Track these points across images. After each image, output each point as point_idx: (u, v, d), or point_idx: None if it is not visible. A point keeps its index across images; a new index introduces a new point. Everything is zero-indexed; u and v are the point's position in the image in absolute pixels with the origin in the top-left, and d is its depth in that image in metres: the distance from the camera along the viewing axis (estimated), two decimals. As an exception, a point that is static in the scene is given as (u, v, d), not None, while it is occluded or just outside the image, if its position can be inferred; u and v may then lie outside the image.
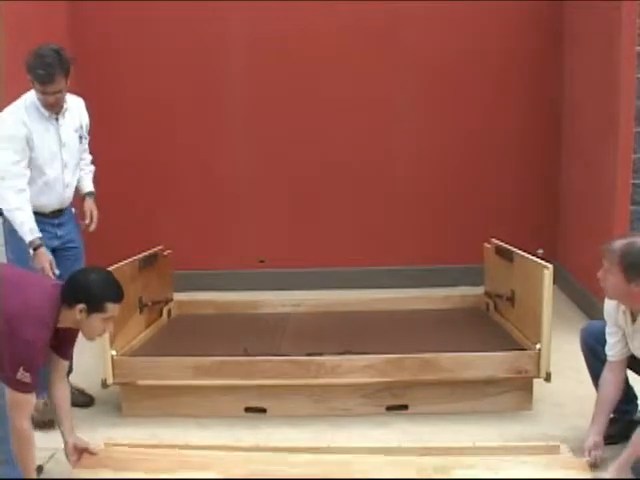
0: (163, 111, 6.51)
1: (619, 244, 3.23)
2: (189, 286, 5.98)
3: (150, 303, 4.75)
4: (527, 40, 6.40)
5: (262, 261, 6.75)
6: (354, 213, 6.64)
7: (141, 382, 4.04)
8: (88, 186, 4.35)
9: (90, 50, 6.34)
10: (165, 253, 5.11)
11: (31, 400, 3.06)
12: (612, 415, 3.51)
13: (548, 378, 3.95)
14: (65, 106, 4.04)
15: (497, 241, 4.90)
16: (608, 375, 3.48)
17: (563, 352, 3.94)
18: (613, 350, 3.49)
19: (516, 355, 4.03)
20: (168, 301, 5.14)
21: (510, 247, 4.61)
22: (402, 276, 6.51)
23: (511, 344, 4.24)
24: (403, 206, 6.63)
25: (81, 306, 3.10)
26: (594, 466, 3.30)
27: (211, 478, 3.14)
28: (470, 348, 4.13)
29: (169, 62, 6.47)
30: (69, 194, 4.19)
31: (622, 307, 3.38)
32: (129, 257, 4.52)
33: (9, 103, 4.17)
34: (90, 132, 4.33)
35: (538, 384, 4.03)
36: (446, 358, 4.01)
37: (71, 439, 3.33)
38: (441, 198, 6.61)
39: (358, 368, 4.00)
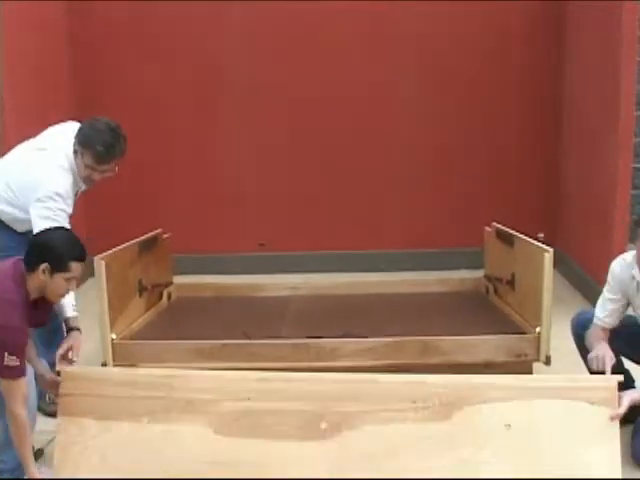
0: (162, 95, 6.51)
1: None
2: (189, 269, 5.99)
3: (150, 286, 4.74)
4: (529, 22, 6.39)
5: (262, 244, 6.75)
6: (354, 196, 6.64)
7: (141, 365, 4.04)
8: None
9: (90, 36, 6.34)
10: (165, 236, 5.10)
11: (22, 385, 3.04)
12: None
13: (548, 362, 3.95)
14: None
15: (498, 225, 4.89)
16: (599, 332, 3.52)
17: (563, 336, 3.93)
18: (610, 317, 3.50)
19: (516, 339, 4.03)
20: (168, 284, 5.13)
21: (511, 231, 4.60)
22: (402, 259, 6.51)
23: (511, 328, 4.24)
24: (403, 190, 6.62)
25: (44, 266, 3.07)
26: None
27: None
28: (470, 331, 4.13)
29: (168, 47, 6.48)
30: None
31: (638, 278, 3.36)
32: (129, 240, 4.51)
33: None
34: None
35: (538, 368, 4.02)
36: (446, 341, 4.00)
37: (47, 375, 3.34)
38: (441, 181, 6.61)
39: (358, 351, 4.00)
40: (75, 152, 3.76)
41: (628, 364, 3.71)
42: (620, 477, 2.84)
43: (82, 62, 6.38)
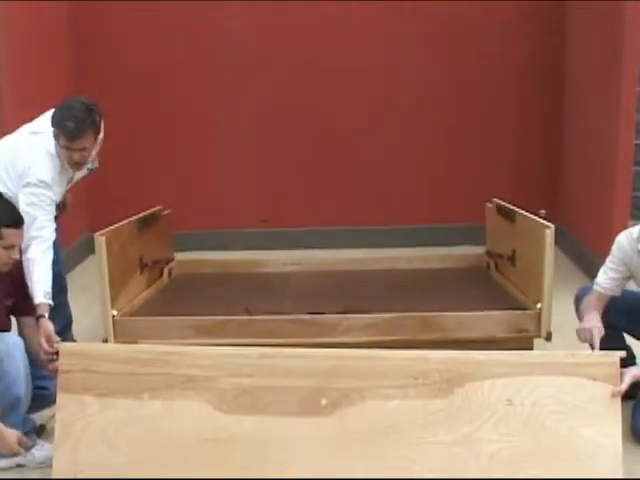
0: (162, 71, 6.48)
1: None
2: (190, 246, 5.99)
3: (151, 263, 4.74)
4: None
5: (264, 220, 6.74)
6: (355, 172, 6.62)
7: (142, 342, 4.04)
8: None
9: (93, 13, 6.30)
10: (165, 213, 5.10)
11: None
12: None
13: (549, 337, 3.95)
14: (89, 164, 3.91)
15: (499, 201, 4.88)
16: (594, 301, 3.52)
17: (564, 312, 3.94)
18: (610, 284, 3.50)
19: (517, 314, 4.03)
20: (169, 261, 5.13)
21: (512, 207, 4.60)
22: (403, 235, 6.51)
23: (512, 303, 4.24)
24: (404, 165, 6.61)
25: None
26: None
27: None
28: (470, 307, 4.13)
29: (168, 22, 6.42)
30: None
31: None
32: (129, 217, 4.51)
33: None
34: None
35: (539, 343, 4.03)
36: (446, 317, 4.01)
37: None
38: (443, 157, 6.59)
39: (359, 327, 4.00)
40: (55, 137, 3.70)
41: (629, 340, 3.71)
42: (621, 452, 2.84)
43: (85, 23, 6.33)
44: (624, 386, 2.93)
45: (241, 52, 6.46)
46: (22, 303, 3.46)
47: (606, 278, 3.52)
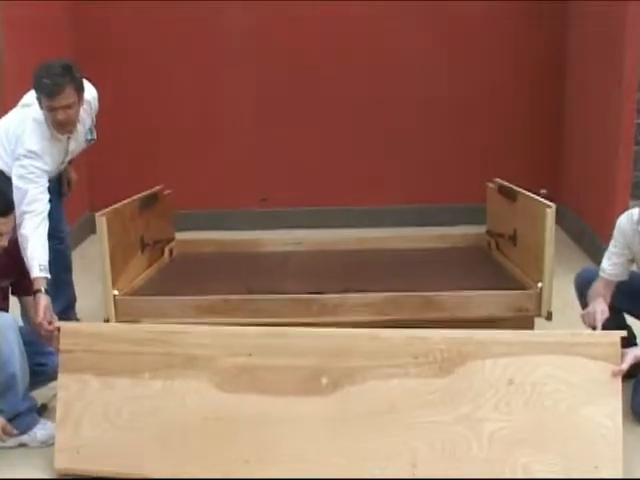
0: (162, 48, 6.46)
1: None
2: (190, 225, 5.99)
3: (151, 243, 4.74)
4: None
5: (263, 200, 6.74)
6: (355, 152, 6.62)
7: (143, 321, 4.05)
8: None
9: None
10: (166, 193, 5.09)
11: None
12: None
13: (549, 317, 3.95)
14: (79, 127, 3.88)
15: (500, 180, 4.88)
16: (601, 289, 3.49)
17: (565, 291, 3.94)
18: (616, 270, 3.48)
19: (517, 294, 4.03)
20: (169, 241, 5.13)
21: (513, 186, 4.59)
22: (403, 215, 6.51)
23: (512, 283, 4.24)
24: (404, 145, 6.60)
25: None
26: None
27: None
28: (471, 287, 4.13)
29: (168, 5, 6.37)
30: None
31: None
32: (129, 197, 4.50)
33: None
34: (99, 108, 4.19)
35: (539, 323, 4.03)
36: (447, 297, 4.01)
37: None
38: (443, 136, 6.58)
39: (359, 306, 4.00)
40: (38, 100, 3.66)
41: (630, 320, 3.72)
42: (621, 432, 2.85)
43: (81, 21, 6.32)
44: (625, 365, 2.94)
45: (240, 34, 6.44)
46: (22, 283, 3.46)
47: (610, 264, 3.50)
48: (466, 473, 2.85)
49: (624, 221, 3.47)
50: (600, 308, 3.38)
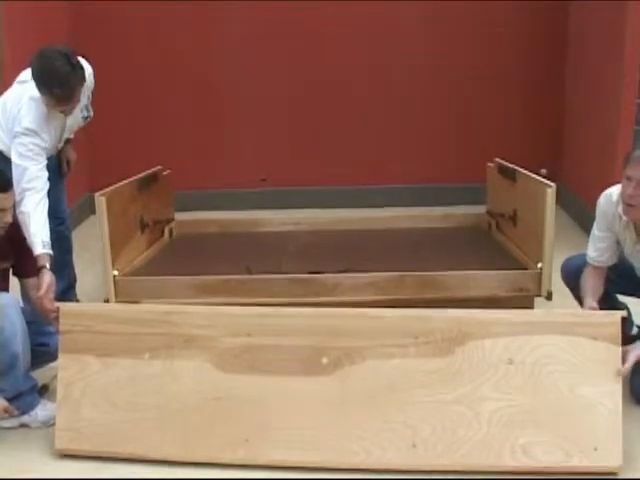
0: (162, 28, 6.42)
1: None
2: (190, 206, 5.99)
3: (151, 223, 4.74)
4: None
5: (263, 180, 6.73)
6: (356, 131, 6.60)
7: (143, 301, 4.05)
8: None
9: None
10: (165, 173, 5.08)
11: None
12: None
13: (549, 297, 3.95)
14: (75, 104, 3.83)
15: (500, 160, 4.86)
16: (590, 278, 3.40)
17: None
18: (604, 255, 3.39)
19: (517, 274, 4.03)
20: (169, 221, 5.13)
21: (513, 166, 4.58)
22: (403, 195, 6.51)
23: (513, 263, 4.24)
24: (405, 125, 6.59)
25: None
26: None
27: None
28: (471, 266, 4.13)
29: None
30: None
31: (625, 220, 3.24)
32: (129, 177, 4.49)
33: None
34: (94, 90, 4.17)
35: (539, 303, 4.04)
36: (447, 276, 4.01)
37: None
38: (443, 116, 6.57)
39: (359, 286, 4.00)
40: (38, 89, 3.62)
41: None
42: (620, 412, 2.85)
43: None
44: (628, 365, 2.92)
45: (241, 14, 6.40)
46: (22, 264, 3.46)
47: (595, 249, 3.42)
48: (465, 453, 2.86)
49: (603, 202, 3.36)
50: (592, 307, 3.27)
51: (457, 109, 6.54)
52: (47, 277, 3.43)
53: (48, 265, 3.47)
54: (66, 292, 4.25)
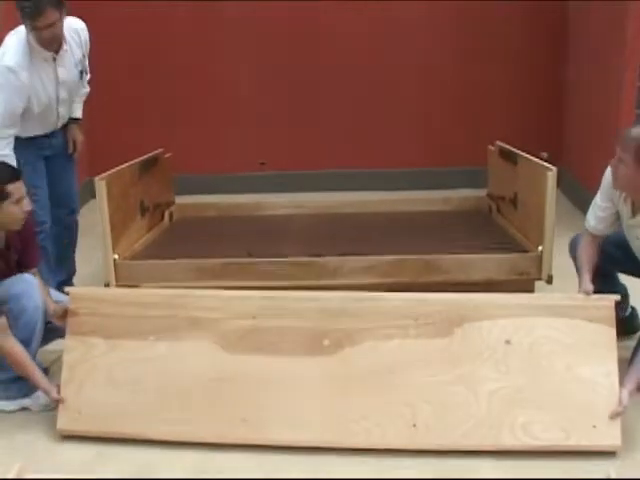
0: (163, 16, 6.39)
1: (635, 131, 3.03)
2: (190, 189, 5.99)
3: (152, 206, 4.74)
4: None
5: (263, 163, 6.73)
6: (355, 114, 6.59)
7: (144, 285, 4.05)
8: (77, 112, 4.16)
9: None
10: (165, 156, 5.08)
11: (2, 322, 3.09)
12: None
13: (550, 280, 3.96)
14: (65, 46, 3.81)
15: (501, 143, 4.86)
16: (587, 246, 3.40)
17: (565, 254, 3.92)
18: (602, 224, 3.39)
19: (518, 257, 4.04)
20: (170, 204, 5.13)
21: (514, 149, 4.57)
22: (403, 178, 6.50)
23: (513, 246, 4.24)
24: (405, 108, 6.57)
25: None
26: None
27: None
28: (472, 250, 4.14)
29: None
30: (63, 121, 4.06)
31: (624, 195, 3.26)
32: (130, 161, 4.49)
33: None
34: (90, 54, 4.12)
35: (540, 286, 4.04)
36: (447, 259, 4.01)
37: (51, 314, 3.34)
38: (444, 99, 6.55)
39: (360, 269, 4.01)
40: (23, 22, 3.65)
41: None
42: (618, 392, 2.87)
43: None
44: (625, 402, 2.88)
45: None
46: (25, 255, 3.45)
47: (595, 217, 3.43)
48: (465, 433, 2.87)
49: (608, 173, 3.35)
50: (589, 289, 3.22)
51: (458, 92, 6.52)
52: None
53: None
54: (65, 283, 4.24)
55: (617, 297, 3.03)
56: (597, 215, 3.42)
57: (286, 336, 3.05)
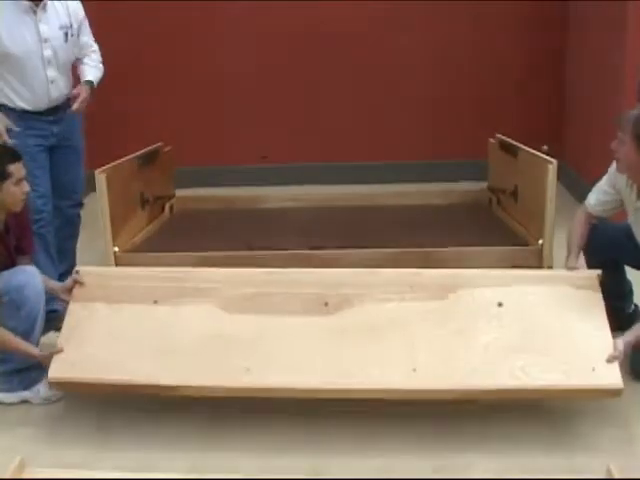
0: (163, 9, 6.38)
1: (633, 113, 3.12)
2: (190, 182, 5.98)
3: (152, 199, 4.74)
4: None
5: (264, 157, 6.72)
6: (356, 107, 6.58)
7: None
8: (87, 75, 4.10)
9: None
10: (166, 149, 5.07)
11: None
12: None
13: (550, 273, 3.96)
14: (47, 1, 3.79)
15: (501, 136, 4.85)
16: (581, 223, 3.49)
17: (565, 247, 3.94)
18: (600, 207, 3.47)
19: (518, 250, 4.04)
20: (170, 197, 5.13)
21: (514, 142, 4.57)
22: (403, 171, 6.49)
23: (514, 239, 4.25)
24: (405, 101, 6.56)
25: None
26: None
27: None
28: (472, 243, 4.14)
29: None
30: (57, 91, 3.96)
31: (629, 181, 3.31)
32: (130, 154, 4.48)
33: None
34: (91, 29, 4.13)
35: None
36: (448, 253, 4.02)
37: (59, 288, 3.37)
38: (444, 92, 6.54)
39: (359, 262, 3.99)
40: None
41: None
42: (612, 342, 2.93)
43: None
44: (620, 348, 2.92)
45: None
46: (22, 240, 3.46)
47: (596, 198, 3.49)
48: (465, 376, 2.91)
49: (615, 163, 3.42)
50: (576, 245, 3.42)
51: (459, 85, 6.51)
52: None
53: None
54: (65, 275, 4.23)
55: (598, 272, 3.15)
56: (598, 197, 3.49)
57: (288, 300, 3.16)
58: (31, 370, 3.29)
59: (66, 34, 3.92)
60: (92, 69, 4.15)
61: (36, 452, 2.91)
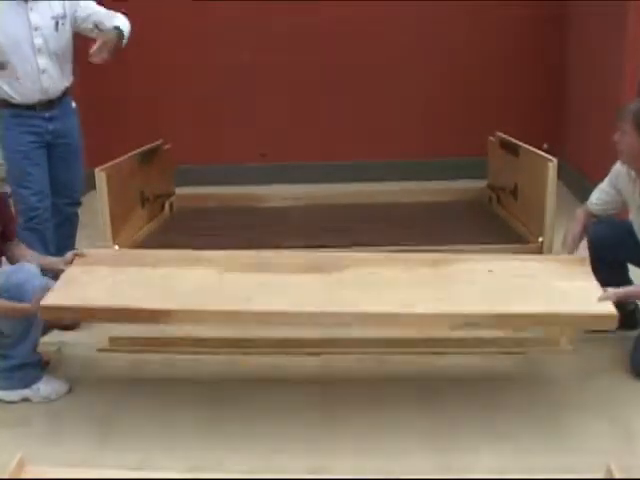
0: (163, 5, 6.37)
1: (634, 104, 3.22)
2: (190, 180, 5.97)
3: (152, 197, 4.73)
4: None
5: (263, 155, 6.72)
6: (355, 105, 6.58)
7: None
8: (114, 21, 3.94)
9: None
10: (166, 147, 5.07)
11: None
12: None
13: (550, 271, 3.96)
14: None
15: (502, 134, 4.85)
16: (580, 220, 3.62)
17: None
18: (600, 206, 3.61)
19: (518, 248, 4.02)
20: (170, 195, 5.12)
21: (515, 140, 4.57)
22: (403, 169, 6.49)
23: (514, 237, 4.24)
24: (405, 98, 6.56)
25: None
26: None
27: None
28: (472, 241, 4.13)
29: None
30: (50, 81, 3.90)
31: (633, 175, 3.37)
32: (129, 152, 4.48)
33: None
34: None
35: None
36: (447, 251, 3.99)
37: (58, 261, 3.40)
38: (444, 90, 6.54)
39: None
40: None
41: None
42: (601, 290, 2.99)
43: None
44: (609, 293, 2.97)
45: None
46: (7, 226, 3.46)
47: (597, 198, 3.63)
48: (467, 304, 2.98)
49: (618, 164, 3.52)
50: (572, 235, 3.54)
51: (459, 83, 6.51)
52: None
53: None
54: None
55: (586, 255, 3.28)
56: (600, 196, 3.61)
57: (285, 265, 3.33)
58: (31, 368, 3.30)
59: (57, 23, 3.87)
60: (117, 19, 4.03)
61: (36, 451, 2.88)
